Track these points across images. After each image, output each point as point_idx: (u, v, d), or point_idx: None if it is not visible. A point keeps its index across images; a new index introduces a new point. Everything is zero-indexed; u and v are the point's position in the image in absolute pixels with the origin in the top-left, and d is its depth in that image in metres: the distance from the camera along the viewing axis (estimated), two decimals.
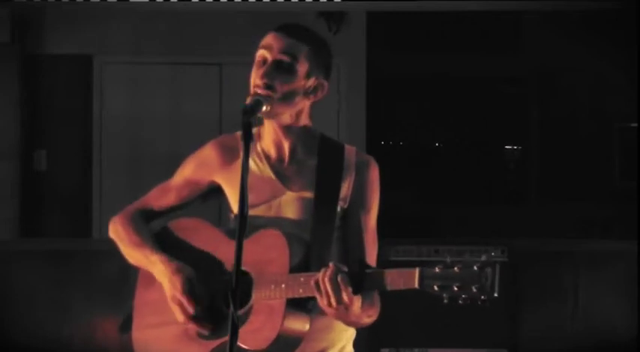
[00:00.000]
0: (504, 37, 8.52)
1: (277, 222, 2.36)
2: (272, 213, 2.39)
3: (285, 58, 2.34)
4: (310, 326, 2.34)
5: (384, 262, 2.37)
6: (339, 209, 2.38)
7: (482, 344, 5.06)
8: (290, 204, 2.39)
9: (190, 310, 2.35)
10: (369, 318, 2.32)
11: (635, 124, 7.58)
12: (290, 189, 2.41)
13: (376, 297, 2.35)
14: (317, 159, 2.41)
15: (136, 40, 7.11)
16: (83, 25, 7.01)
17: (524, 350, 5.18)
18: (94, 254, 5.35)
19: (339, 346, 2.44)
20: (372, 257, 2.40)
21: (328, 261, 2.19)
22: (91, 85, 7.13)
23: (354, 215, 2.39)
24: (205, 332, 2.35)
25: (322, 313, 2.29)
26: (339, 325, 2.41)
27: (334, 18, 7.00)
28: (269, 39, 2.37)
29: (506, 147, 8.88)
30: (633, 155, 7.16)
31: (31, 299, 5.26)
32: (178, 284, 2.37)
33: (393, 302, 2.47)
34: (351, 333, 2.48)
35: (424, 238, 5.53)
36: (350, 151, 2.45)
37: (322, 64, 2.40)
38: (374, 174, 2.44)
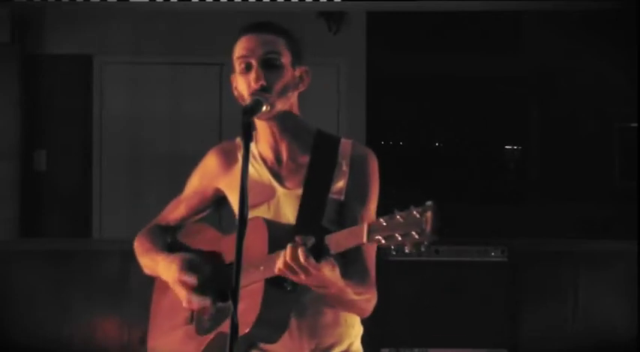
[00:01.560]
0: (504, 37, 8.53)
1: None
2: (271, 213, 2.40)
3: (271, 56, 2.35)
4: (317, 321, 2.38)
5: (384, 262, 2.37)
6: (333, 202, 2.38)
7: (482, 344, 5.06)
8: (287, 202, 2.40)
9: (192, 281, 2.37)
10: (359, 296, 2.31)
11: (635, 124, 7.59)
12: (286, 188, 2.42)
13: (371, 277, 2.35)
14: (309, 155, 2.42)
15: (136, 40, 7.11)
16: (83, 25, 7.01)
17: (524, 350, 5.19)
18: (94, 254, 5.36)
19: (347, 342, 2.45)
20: (371, 249, 2.39)
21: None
22: (91, 85, 7.13)
23: (351, 207, 2.39)
24: (207, 303, 2.36)
25: (327, 308, 2.33)
26: (346, 320, 2.43)
27: (334, 18, 7.00)
28: (246, 43, 2.38)
29: (506, 147, 8.89)
30: (633, 155, 7.17)
31: (31, 299, 5.26)
32: (176, 266, 2.41)
33: (393, 302, 2.47)
34: (358, 330, 2.49)
35: None
36: (346, 144, 2.45)
37: (297, 51, 2.43)
38: (372, 166, 2.44)
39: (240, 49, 2.39)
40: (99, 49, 7.11)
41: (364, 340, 2.52)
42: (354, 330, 2.47)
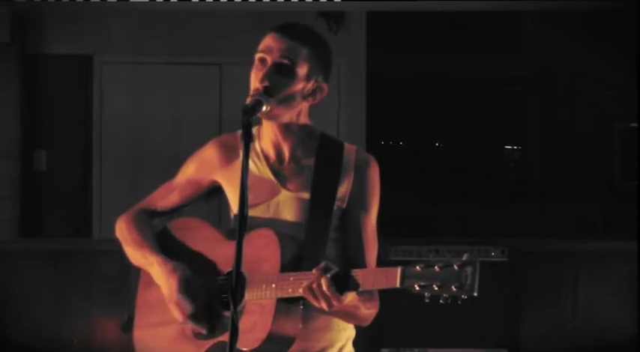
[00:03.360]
0: (504, 37, 8.52)
1: (274, 223, 2.35)
2: (270, 214, 2.39)
3: (285, 61, 2.32)
4: (308, 326, 2.35)
5: (384, 262, 2.37)
6: (337, 209, 2.37)
7: (482, 344, 5.06)
8: (287, 205, 2.38)
9: (188, 309, 2.35)
10: (367, 310, 2.31)
11: (635, 124, 7.58)
12: (288, 189, 2.40)
13: (375, 293, 2.34)
14: (314, 159, 2.41)
15: (136, 40, 7.11)
16: (83, 25, 7.01)
17: (524, 350, 5.19)
18: (94, 254, 5.36)
19: (337, 346, 2.43)
20: (372, 257, 2.39)
21: (321, 261, 2.18)
22: (91, 85, 7.13)
23: (353, 215, 2.38)
24: (203, 332, 2.35)
25: (320, 312, 2.29)
26: (338, 325, 2.42)
27: (334, 18, 7.00)
28: (268, 41, 2.35)
29: (506, 147, 8.88)
30: (633, 155, 7.16)
31: (31, 299, 5.26)
32: (174, 285, 2.37)
33: (393, 302, 2.47)
34: (350, 333, 2.47)
35: (424, 238, 5.53)
36: (350, 150, 2.43)
37: (322, 66, 2.39)
38: (374, 174, 2.42)
39: (262, 45, 2.35)
40: (99, 49, 7.11)
41: (365, 340, 2.51)
42: (345, 333, 2.45)
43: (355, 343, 2.50)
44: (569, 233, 7.41)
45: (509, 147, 8.88)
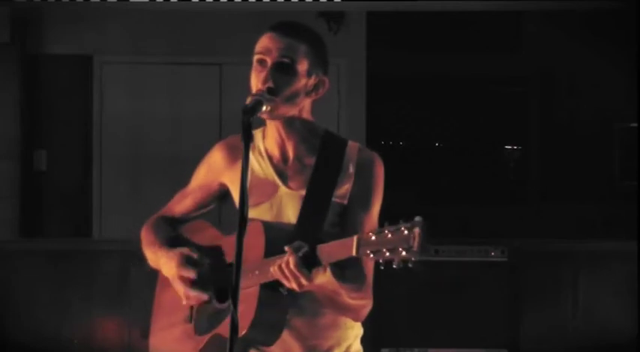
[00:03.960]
0: (504, 37, 8.52)
1: (276, 222, 2.37)
2: (273, 212, 2.40)
3: (285, 60, 2.33)
4: (316, 323, 2.37)
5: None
6: (336, 205, 2.37)
7: (482, 344, 5.06)
8: (289, 203, 2.39)
9: (191, 275, 2.38)
10: (353, 300, 2.31)
11: (635, 124, 7.59)
12: (290, 188, 2.41)
13: (367, 283, 2.35)
14: (316, 157, 2.41)
15: (136, 40, 7.11)
16: (83, 25, 7.01)
17: (524, 350, 5.19)
18: (94, 254, 5.36)
19: (345, 344, 2.44)
20: None
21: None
22: (91, 85, 7.13)
23: (354, 212, 2.38)
24: (205, 297, 2.38)
25: (328, 309, 2.33)
26: (345, 323, 2.43)
27: (334, 18, 7.01)
28: (266, 41, 2.35)
29: (506, 147, 8.88)
30: (633, 155, 7.17)
31: (31, 299, 5.26)
32: (174, 261, 2.42)
33: (393, 302, 2.47)
34: (357, 332, 2.48)
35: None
36: (353, 148, 2.44)
37: (321, 61, 2.40)
38: (377, 171, 2.42)
39: (259, 46, 2.36)
40: (99, 49, 7.11)
41: (364, 340, 2.51)
42: (353, 332, 2.46)
43: None
44: (569, 233, 7.41)
45: (509, 147, 8.88)
